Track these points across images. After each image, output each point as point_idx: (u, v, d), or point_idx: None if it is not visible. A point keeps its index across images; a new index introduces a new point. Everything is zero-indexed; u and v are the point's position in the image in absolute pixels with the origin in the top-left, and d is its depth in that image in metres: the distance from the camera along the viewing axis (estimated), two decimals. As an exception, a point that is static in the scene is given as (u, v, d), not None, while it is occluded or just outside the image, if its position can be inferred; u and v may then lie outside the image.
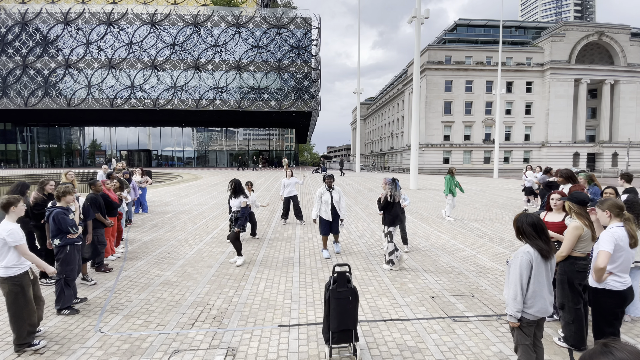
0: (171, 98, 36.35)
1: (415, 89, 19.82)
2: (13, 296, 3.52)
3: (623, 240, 3.03)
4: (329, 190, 6.88)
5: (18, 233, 3.53)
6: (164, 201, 14.21)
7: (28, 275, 3.66)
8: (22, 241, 3.55)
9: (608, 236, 3.04)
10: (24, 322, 3.55)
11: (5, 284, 3.52)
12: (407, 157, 56.90)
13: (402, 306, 4.65)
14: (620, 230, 3.05)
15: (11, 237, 3.47)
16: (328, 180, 6.99)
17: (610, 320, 3.14)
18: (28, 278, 3.65)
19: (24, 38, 35.30)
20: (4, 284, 3.53)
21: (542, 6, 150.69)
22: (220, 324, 4.16)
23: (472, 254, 7.08)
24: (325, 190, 6.89)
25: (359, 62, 36.10)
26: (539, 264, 2.70)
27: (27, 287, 3.61)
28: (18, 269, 3.55)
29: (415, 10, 19.34)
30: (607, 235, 3.05)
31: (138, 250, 7.31)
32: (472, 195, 16.55)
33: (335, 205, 6.82)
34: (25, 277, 3.61)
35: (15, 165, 45.08)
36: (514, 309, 2.72)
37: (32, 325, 3.63)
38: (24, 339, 3.55)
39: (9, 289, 3.52)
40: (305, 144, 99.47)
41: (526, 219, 2.81)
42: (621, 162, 51.38)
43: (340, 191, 7.01)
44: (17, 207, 3.66)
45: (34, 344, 3.60)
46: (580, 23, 55.89)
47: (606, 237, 3.04)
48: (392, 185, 6.15)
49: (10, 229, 3.50)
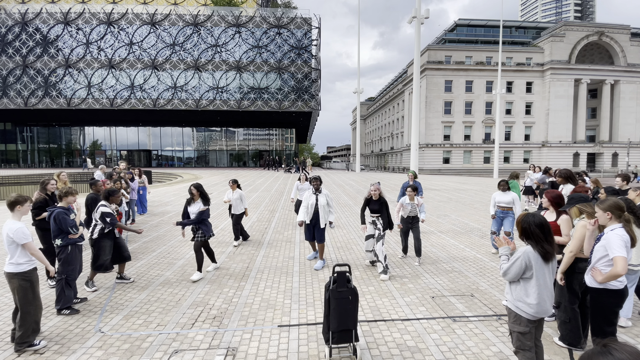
0: (171, 98, 36.35)
1: (415, 89, 19.82)
2: (22, 291, 3.57)
3: (627, 242, 3.04)
4: (315, 194, 6.31)
5: (24, 232, 3.57)
6: (164, 201, 14.21)
7: (36, 271, 3.72)
8: (29, 239, 3.60)
9: (619, 240, 2.98)
10: (31, 318, 3.59)
11: (15, 279, 3.56)
12: (407, 157, 56.90)
13: (402, 306, 4.65)
14: (623, 232, 3.06)
15: (17, 236, 3.52)
16: (314, 182, 6.41)
17: (611, 319, 3.17)
18: (37, 274, 3.72)
19: (24, 38, 35.29)
20: (13, 280, 3.57)
21: (542, 6, 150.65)
22: (220, 324, 4.16)
23: (472, 254, 7.08)
24: (311, 194, 6.37)
25: (359, 62, 36.12)
26: (540, 266, 2.70)
27: (36, 283, 3.68)
28: (28, 265, 3.62)
29: (415, 10, 19.34)
30: (617, 239, 2.99)
31: (138, 250, 7.31)
32: (472, 196, 16.55)
33: (320, 211, 6.21)
34: (34, 272, 3.68)
35: (15, 165, 45.07)
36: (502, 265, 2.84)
37: (37, 322, 3.67)
38: (28, 336, 3.58)
39: (19, 284, 3.56)
40: (305, 144, 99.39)
41: (533, 219, 2.76)
42: (621, 162, 51.37)
43: (328, 195, 6.41)
44: (23, 206, 3.70)
45: (34, 344, 3.60)
46: (580, 23, 55.87)
47: (618, 242, 2.98)
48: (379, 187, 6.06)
49: (16, 228, 3.55)
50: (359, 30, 35.27)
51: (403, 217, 6.55)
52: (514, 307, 2.82)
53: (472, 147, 52.77)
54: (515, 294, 2.80)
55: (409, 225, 6.55)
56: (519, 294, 2.78)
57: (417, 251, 6.50)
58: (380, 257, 5.71)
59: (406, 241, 6.79)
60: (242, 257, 6.84)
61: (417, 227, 6.51)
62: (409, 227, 6.58)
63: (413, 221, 6.50)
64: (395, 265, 6.38)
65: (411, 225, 6.52)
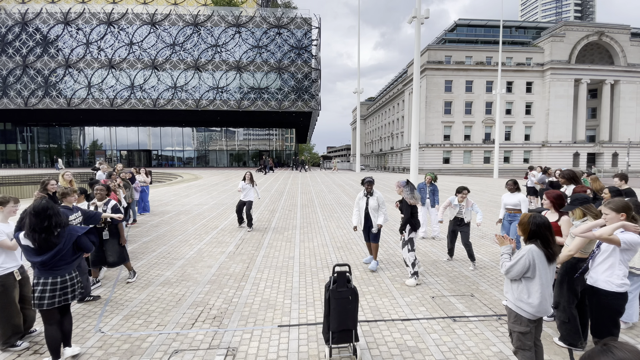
0: (171, 98, 36.35)
1: (415, 89, 19.81)
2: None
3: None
4: (366, 196, 6.15)
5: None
6: (164, 201, 14.21)
7: (13, 276, 3.65)
8: (2, 237, 3.53)
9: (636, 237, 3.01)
10: (8, 323, 3.57)
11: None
12: (407, 157, 56.90)
13: (402, 306, 4.65)
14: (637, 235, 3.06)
15: None
16: (367, 186, 6.12)
17: (617, 321, 3.17)
18: (13, 279, 3.64)
19: (24, 38, 35.29)
20: None
21: (542, 6, 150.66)
22: (220, 324, 4.16)
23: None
24: (362, 196, 6.20)
25: (359, 62, 36.12)
26: (544, 266, 2.70)
27: (10, 289, 3.60)
28: (2, 269, 3.55)
29: (415, 10, 19.32)
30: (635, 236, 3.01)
31: (138, 250, 7.31)
32: (472, 196, 16.54)
33: (370, 213, 6.04)
34: (9, 277, 3.61)
35: (15, 165, 45.08)
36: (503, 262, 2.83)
37: (16, 326, 3.63)
38: (9, 338, 3.58)
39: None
40: (305, 144, 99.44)
41: (542, 221, 2.76)
42: (621, 162, 51.37)
43: (380, 197, 6.11)
44: (5, 207, 3.65)
45: (16, 345, 3.60)
46: (581, 23, 55.88)
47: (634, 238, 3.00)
48: (407, 189, 5.52)
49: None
50: (359, 30, 35.29)
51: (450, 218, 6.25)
52: (514, 307, 2.82)
53: (472, 147, 52.77)
54: (517, 293, 2.80)
55: (456, 226, 6.25)
56: (520, 293, 2.78)
57: (469, 256, 6.19)
58: (409, 263, 5.41)
59: (452, 243, 6.45)
60: (242, 257, 6.84)
61: (466, 232, 6.15)
62: (456, 229, 6.26)
63: (461, 224, 6.18)
64: (396, 265, 6.38)
65: (459, 227, 6.20)
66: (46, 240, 3.10)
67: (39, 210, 3.09)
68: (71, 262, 3.31)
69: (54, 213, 3.16)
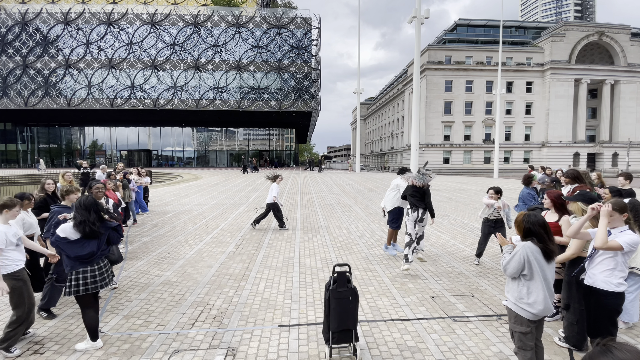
0: (171, 98, 36.36)
1: (415, 89, 19.81)
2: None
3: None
4: None
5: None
6: (164, 201, 14.21)
7: (26, 269, 3.74)
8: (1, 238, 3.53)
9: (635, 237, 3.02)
10: (30, 312, 3.65)
11: None
12: (407, 157, 56.89)
13: (402, 306, 4.65)
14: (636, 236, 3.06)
15: None
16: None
17: (615, 320, 3.17)
18: (26, 273, 3.73)
19: (24, 38, 35.30)
20: None
21: (542, 6, 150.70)
22: (220, 324, 4.16)
23: (472, 253, 7.06)
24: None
25: (359, 62, 36.12)
26: (542, 264, 2.70)
27: (28, 281, 3.70)
28: (17, 265, 3.60)
29: (415, 10, 19.33)
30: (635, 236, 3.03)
31: (138, 250, 7.31)
32: (472, 196, 16.55)
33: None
34: (23, 271, 3.68)
35: (15, 165, 45.08)
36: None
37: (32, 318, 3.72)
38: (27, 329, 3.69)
39: None
40: (305, 144, 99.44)
41: (536, 219, 2.75)
42: (621, 162, 51.38)
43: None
44: (10, 210, 3.65)
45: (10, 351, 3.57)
46: (581, 23, 55.91)
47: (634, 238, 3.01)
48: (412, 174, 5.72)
49: None
50: (359, 30, 35.28)
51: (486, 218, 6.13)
52: (514, 307, 2.81)
53: (472, 147, 52.79)
54: (517, 293, 2.79)
55: (491, 228, 6.04)
56: (520, 293, 2.77)
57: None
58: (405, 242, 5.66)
59: (484, 245, 6.31)
60: (242, 257, 6.84)
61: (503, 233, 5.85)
62: (490, 231, 6.03)
63: (496, 225, 6.01)
64: (396, 265, 6.37)
65: (494, 229, 5.96)
66: (94, 232, 3.52)
67: (87, 204, 3.56)
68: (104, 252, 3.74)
69: (99, 208, 3.65)
